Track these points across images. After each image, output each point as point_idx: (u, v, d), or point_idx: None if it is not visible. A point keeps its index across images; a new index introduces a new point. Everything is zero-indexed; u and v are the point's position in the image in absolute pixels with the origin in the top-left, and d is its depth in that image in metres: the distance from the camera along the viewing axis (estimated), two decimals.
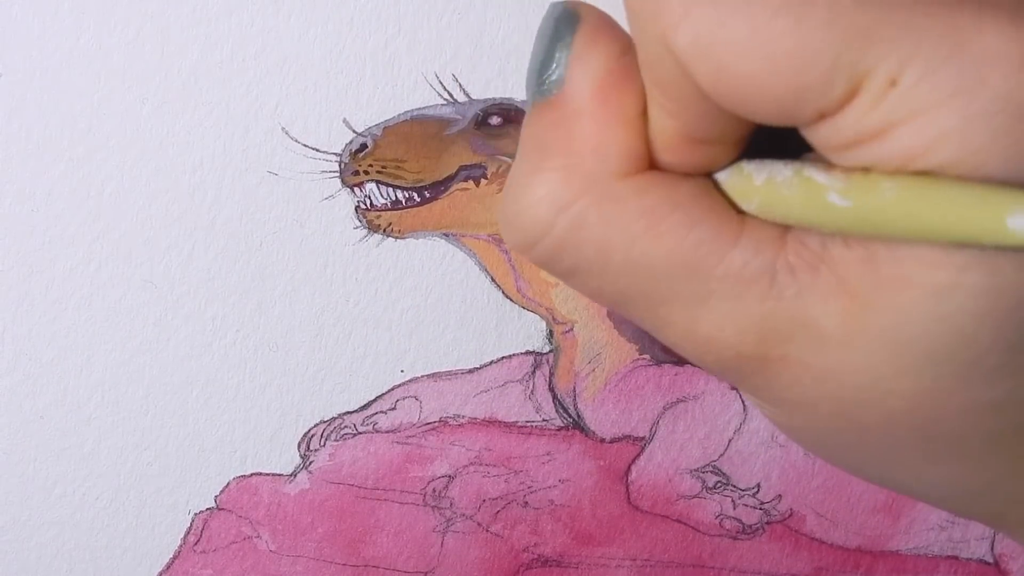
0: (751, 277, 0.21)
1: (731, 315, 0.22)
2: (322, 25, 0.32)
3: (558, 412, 0.37)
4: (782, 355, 0.22)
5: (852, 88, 0.19)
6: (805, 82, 0.19)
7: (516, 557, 0.38)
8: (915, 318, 0.20)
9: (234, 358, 0.35)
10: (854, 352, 0.21)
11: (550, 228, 0.22)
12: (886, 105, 0.19)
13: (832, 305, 0.21)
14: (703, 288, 0.22)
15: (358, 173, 0.33)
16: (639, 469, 0.38)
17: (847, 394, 0.22)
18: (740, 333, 0.22)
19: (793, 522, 0.39)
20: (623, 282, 0.22)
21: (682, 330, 0.23)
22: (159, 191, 0.33)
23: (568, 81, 0.23)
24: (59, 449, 0.35)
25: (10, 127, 0.32)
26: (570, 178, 0.22)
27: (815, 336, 0.21)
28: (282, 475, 0.36)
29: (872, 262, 0.20)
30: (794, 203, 0.21)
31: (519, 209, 0.23)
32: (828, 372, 0.22)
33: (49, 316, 0.34)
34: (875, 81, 0.19)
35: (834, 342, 0.21)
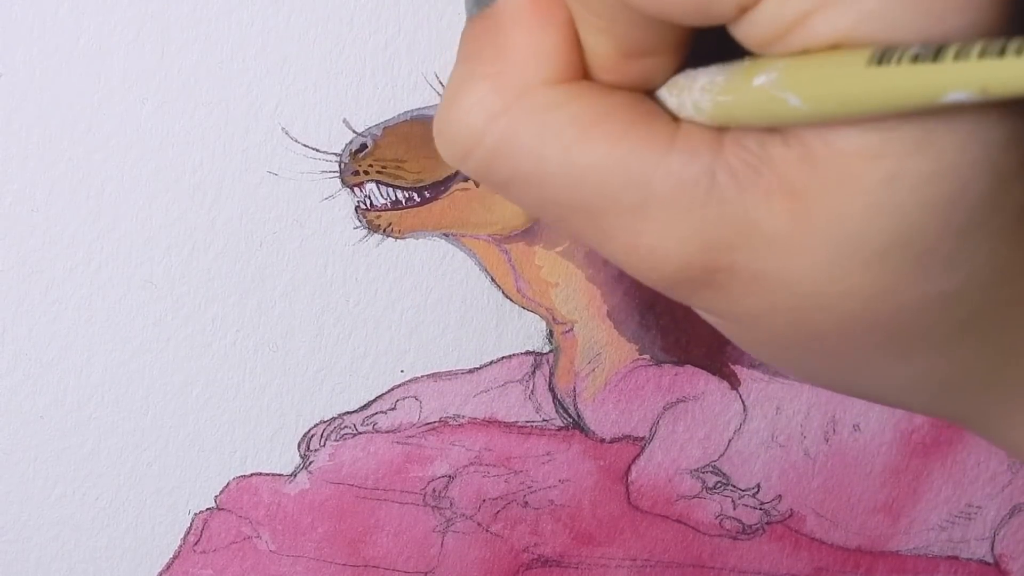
0: (689, 181, 0.21)
1: (672, 223, 0.21)
2: (322, 25, 0.32)
3: (558, 412, 0.37)
4: (729, 263, 0.21)
5: None
6: None
7: (516, 557, 0.38)
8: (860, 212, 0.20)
9: (234, 358, 0.35)
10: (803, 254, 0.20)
11: (482, 137, 0.22)
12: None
13: (776, 206, 0.20)
14: (641, 196, 0.21)
15: (358, 173, 0.33)
16: (639, 469, 0.38)
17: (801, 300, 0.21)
18: (683, 242, 0.21)
19: (793, 522, 0.39)
20: (560, 192, 0.22)
21: (625, 243, 0.22)
22: (159, 191, 0.33)
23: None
24: (59, 449, 0.35)
25: (10, 127, 0.32)
26: (501, 85, 0.22)
27: (761, 240, 0.21)
28: (282, 475, 0.36)
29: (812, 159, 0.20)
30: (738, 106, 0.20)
31: (451, 119, 0.22)
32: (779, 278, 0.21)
33: (49, 316, 0.34)
34: None
35: (781, 245, 0.21)
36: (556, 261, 0.35)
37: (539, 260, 0.35)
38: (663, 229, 0.21)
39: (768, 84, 0.20)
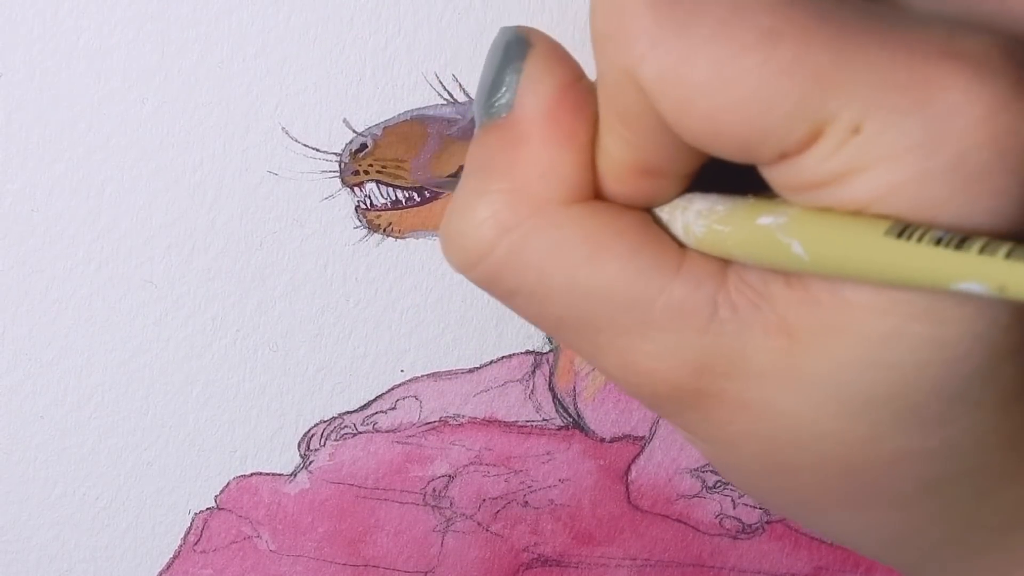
0: (691, 310, 0.21)
1: (669, 347, 0.22)
2: (322, 25, 0.32)
3: (558, 412, 0.37)
4: (719, 391, 0.22)
5: (814, 132, 0.19)
6: (768, 123, 0.19)
7: (516, 557, 0.38)
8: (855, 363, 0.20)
9: (234, 358, 0.35)
10: (791, 392, 0.21)
11: (492, 249, 0.22)
12: (847, 151, 0.19)
13: (772, 343, 0.21)
14: (643, 319, 0.22)
15: (358, 173, 0.33)
16: (639, 469, 0.38)
17: (780, 434, 0.22)
18: (678, 366, 0.22)
19: (793, 521, 0.39)
20: (563, 308, 0.22)
21: (620, 360, 0.22)
22: (159, 191, 0.33)
23: (519, 104, 0.22)
24: (59, 449, 0.35)
25: (10, 127, 0.32)
26: (515, 201, 0.22)
27: (753, 373, 0.21)
28: (282, 475, 0.36)
29: (813, 304, 0.20)
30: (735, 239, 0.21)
31: (461, 229, 0.23)
32: (763, 411, 0.22)
33: (49, 316, 0.34)
34: (838, 127, 0.19)
35: (771, 381, 0.21)
36: None
37: None
38: (659, 352, 0.22)
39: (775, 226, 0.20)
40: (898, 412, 0.21)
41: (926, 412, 0.21)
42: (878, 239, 0.18)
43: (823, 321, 0.20)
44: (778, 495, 0.24)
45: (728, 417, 0.22)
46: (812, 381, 0.21)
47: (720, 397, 0.22)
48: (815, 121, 0.19)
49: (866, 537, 0.24)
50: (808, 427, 0.21)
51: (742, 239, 0.21)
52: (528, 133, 0.22)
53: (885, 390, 0.20)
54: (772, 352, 0.21)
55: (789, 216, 0.20)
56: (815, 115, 0.19)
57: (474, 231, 0.22)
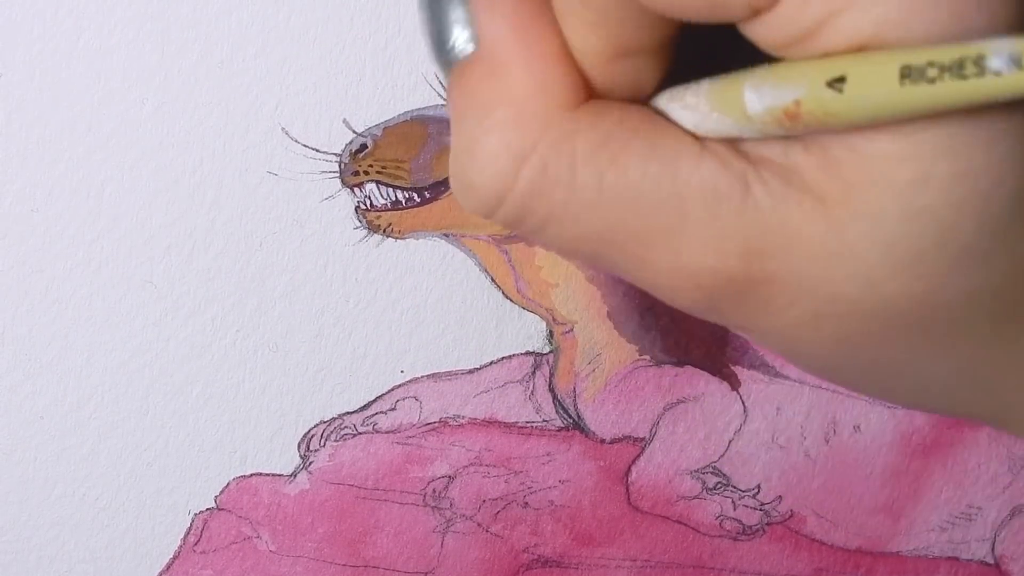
0: (724, 191, 0.21)
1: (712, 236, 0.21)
2: (322, 25, 0.32)
3: (558, 413, 0.37)
4: (771, 273, 0.21)
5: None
6: None
7: (516, 557, 0.38)
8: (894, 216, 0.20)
9: (234, 358, 0.35)
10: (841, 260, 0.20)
11: (514, 180, 0.21)
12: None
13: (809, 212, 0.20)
14: (678, 212, 0.21)
15: (358, 173, 0.33)
16: (639, 470, 0.38)
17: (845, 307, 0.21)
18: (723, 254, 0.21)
19: (793, 523, 0.39)
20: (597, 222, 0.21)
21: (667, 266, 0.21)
22: (159, 191, 0.33)
23: (483, 34, 0.22)
24: (59, 449, 0.35)
25: (10, 127, 0.32)
26: (521, 123, 0.21)
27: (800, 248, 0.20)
28: (282, 475, 0.36)
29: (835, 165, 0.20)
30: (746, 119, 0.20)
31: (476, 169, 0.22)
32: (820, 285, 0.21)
33: (49, 316, 0.34)
34: None
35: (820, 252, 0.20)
36: (556, 261, 0.35)
37: (539, 260, 0.35)
38: (702, 244, 0.21)
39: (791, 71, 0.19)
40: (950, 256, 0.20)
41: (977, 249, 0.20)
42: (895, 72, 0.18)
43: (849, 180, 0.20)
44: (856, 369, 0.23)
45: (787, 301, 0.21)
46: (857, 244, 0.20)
47: (774, 280, 0.21)
48: None
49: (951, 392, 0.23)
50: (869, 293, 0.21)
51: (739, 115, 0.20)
52: (506, 57, 0.21)
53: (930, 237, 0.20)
54: (812, 222, 0.20)
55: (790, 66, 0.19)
56: None
57: (491, 167, 0.21)
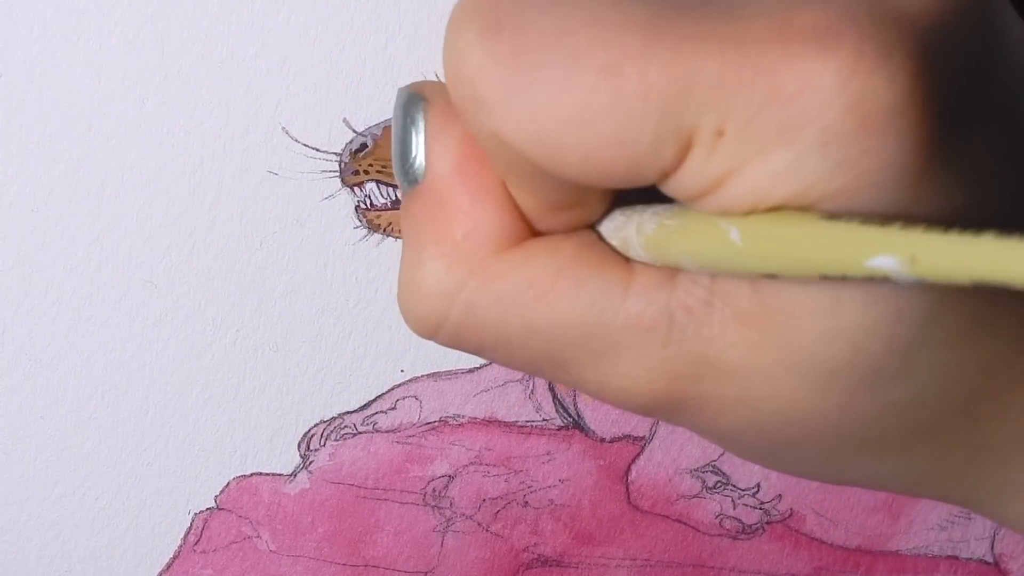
0: (649, 324, 0.22)
1: (638, 364, 0.22)
2: (322, 25, 0.32)
3: (558, 412, 0.37)
4: (697, 393, 0.22)
5: (684, 146, 0.19)
6: (637, 151, 0.19)
7: (516, 557, 0.38)
8: (808, 340, 0.20)
9: (234, 358, 0.35)
10: (762, 379, 0.21)
11: (445, 318, 0.23)
12: (720, 155, 0.19)
13: (732, 337, 0.21)
14: (605, 343, 0.22)
15: (358, 173, 0.33)
16: (639, 469, 0.38)
17: (770, 417, 0.22)
18: (651, 381, 0.22)
19: (793, 522, 0.39)
20: (527, 352, 0.23)
21: (596, 385, 0.23)
22: (159, 191, 0.33)
23: (428, 166, 0.23)
24: (59, 449, 0.35)
25: (10, 127, 0.32)
26: (450, 265, 0.22)
27: (722, 370, 0.22)
28: (282, 475, 0.36)
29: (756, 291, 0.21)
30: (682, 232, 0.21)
31: (411, 303, 0.23)
32: (743, 402, 0.22)
33: (49, 316, 0.34)
34: (703, 135, 0.19)
35: (742, 373, 0.21)
36: None
37: None
38: (629, 371, 0.22)
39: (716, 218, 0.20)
40: (862, 376, 0.21)
41: (889, 368, 0.21)
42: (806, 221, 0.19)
43: (770, 306, 0.21)
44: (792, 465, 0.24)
45: (714, 413, 0.22)
46: (776, 365, 0.21)
47: (700, 398, 0.22)
48: (681, 135, 0.19)
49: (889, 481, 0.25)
50: (790, 406, 0.22)
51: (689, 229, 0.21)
52: (445, 193, 0.23)
53: (842, 359, 0.21)
54: (734, 346, 0.21)
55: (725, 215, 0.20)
56: (678, 130, 0.19)
57: (422, 303, 0.23)
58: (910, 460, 0.23)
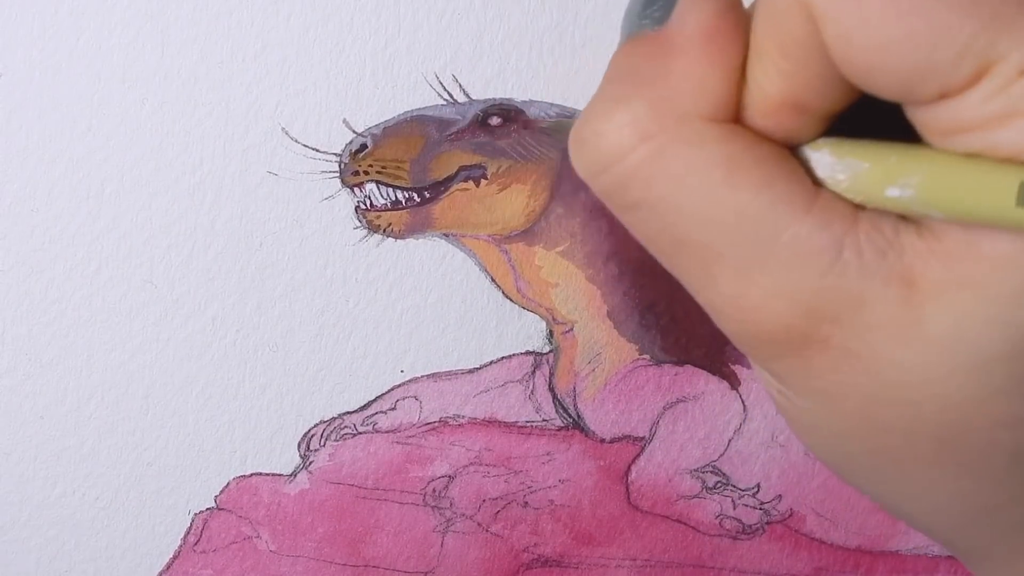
0: (816, 249, 0.21)
1: (787, 285, 0.21)
2: (322, 25, 0.32)
3: (558, 412, 0.37)
4: (827, 337, 0.21)
5: (979, 71, 0.19)
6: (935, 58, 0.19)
7: (516, 557, 0.38)
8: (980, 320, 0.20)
9: (234, 358, 0.35)
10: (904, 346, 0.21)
11: (627, 155, 0.22)
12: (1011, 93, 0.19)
13: (892, 292, 0.20)
14: (765, 251, 0.21)
15: (358, 173, 0.33)
16: (639, 469, 0.38)
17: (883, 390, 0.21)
18: (791, 305, 0.21)
19: (793, 522, 0.39)
20: (686, 229, 0.22)
21: (732, 292, 0.22)
22: (159, 191, 0.33)
23: (678, 18, 0.22)
24: (59, 449, 0.35)
25: (10, 127, 0.32)
26: (660, 110, 0.21)
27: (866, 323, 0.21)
28: (282, 475, 0.36)
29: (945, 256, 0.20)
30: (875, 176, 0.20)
31: (598, 130, 0.22)
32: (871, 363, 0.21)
33: (49, 316, 0.34)
34: (1005, 68, 0.19)
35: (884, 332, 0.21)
36: (556, 261, 0.35)
37: (539, 260, 0.35)
38: (775, 288, 0.21)
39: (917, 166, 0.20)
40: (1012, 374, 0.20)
41: None
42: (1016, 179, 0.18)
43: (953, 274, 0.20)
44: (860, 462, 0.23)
45: (831, 366, 0.21)
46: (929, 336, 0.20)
47: (827, 344, 0.21)
48: (983, 60, 0.19)
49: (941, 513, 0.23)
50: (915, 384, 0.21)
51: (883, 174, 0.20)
52: (683, 47, 0.22)
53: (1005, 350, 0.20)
54: (890, 302, 0.20)
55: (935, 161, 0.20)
56: (984, 53, 0.19)
57: (613, 133, 0.22)
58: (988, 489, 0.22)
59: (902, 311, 0.20)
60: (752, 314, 0.22)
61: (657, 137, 0.21)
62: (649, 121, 0.21)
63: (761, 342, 0.22)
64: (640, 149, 0.22)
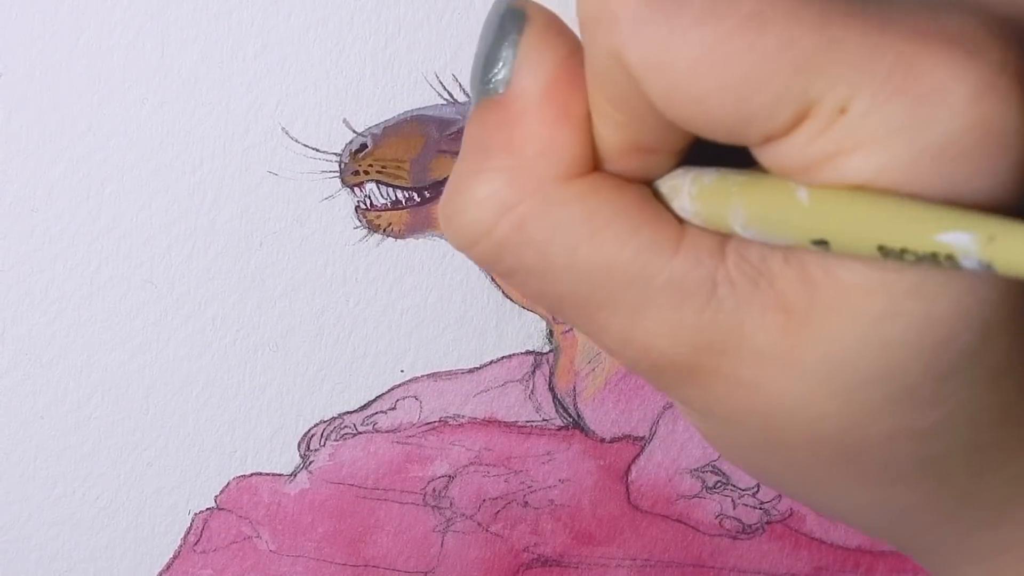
0: (691, 288, 0.21)
1: (668, 324, 0.22)
2: (322, 25, 0.32)
3: (558, 412, 0.37)
4: (715, 367, 0.22)
5: (800, 114, 0.19)
6: (753, 107, 0.19)
7: (516, 557, 0.38)
8: (849, 344, 0.20)
9: (234, 358, 0.35)
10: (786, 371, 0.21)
11: (492, 229, 0.22)
12: (834, 133, 0.19)
13: (769, 320, 0.21)
14: (642, 296, 0.22)
15: (358, 173, 0.33)
16: (639, 469, 0.38)
17: (776, 412, 0.22)
18: (675, 343, 0.22)
19: (793, 521, 0.39)
20: (562, 286, 0.22)
21: (618, 336, 0.22)
22: (159, 191, 0.33)
23: (516, 81, 0.22)
24: (59, 449, 0.35)
25: (10, 127, 0.32)
26: (514, 179, 0.22)
27: (749, 351, 0.21)
28: (282, 475, 0.36)
29: (810, 282, 0.20)
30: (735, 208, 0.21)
31: (461, 207, 0.22)
32: (759, 389, 0.21)
33: (49, 316, 0.34)
34: (824, 109, 0.19)
35: (768, 359, 0.21)
36: None
37: None
38: (658, 328, 0.22)
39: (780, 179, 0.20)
40: (891, 392, 0.21)
41: (919, 392, 0.21)
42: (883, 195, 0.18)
43: (818, 301, 0.20)
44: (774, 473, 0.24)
45: (725, 393, 0.22)
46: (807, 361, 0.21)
47: (717, 374, 0.22)
48: (801, 104, 0.19)
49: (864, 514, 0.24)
50: (803, 407, 0.21)
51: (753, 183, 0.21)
52: (526, 110, 0.22)
53: (879, 371, 0.20)
54: (769, 330, 0.21)
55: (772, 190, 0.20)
56: (800, 98, 0.19)
57: (474, 210, 0.22)
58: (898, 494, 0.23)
59: (781, 338, 0.21)
60: (642, 354, 0.22)
61: (517, 208, 0.22)
62: (507, 192, 0.22)
63: (657, 376, 0.23)
64: (502, 222, 0.22)
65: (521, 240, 0.22)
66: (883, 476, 0.23)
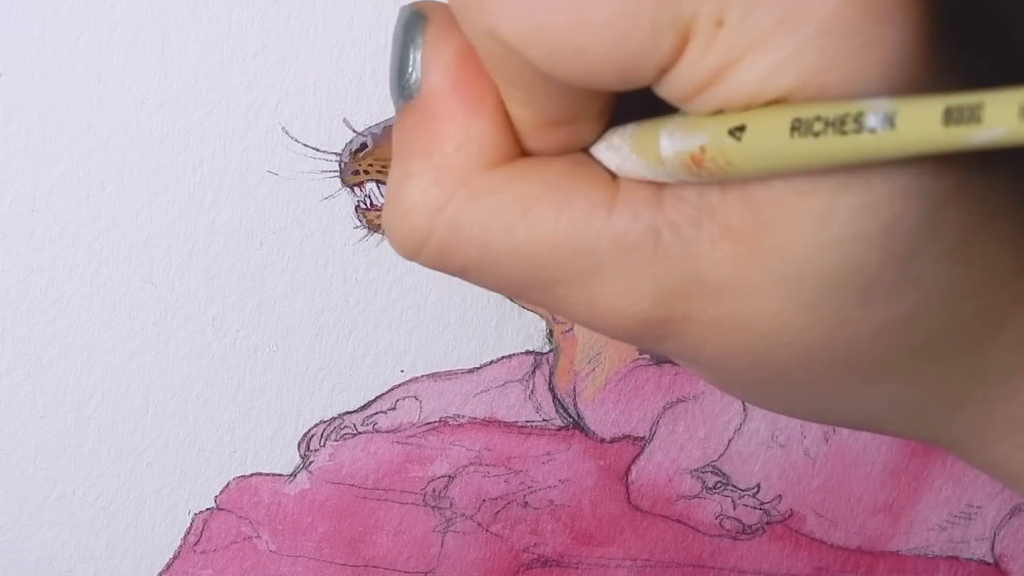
0: (634, 242, 0.21)
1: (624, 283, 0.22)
2: (322, 25, 0.32)
3: (558, 412, 0.37)
4: (684, 313, 0.22)
5: (682, 38, 0.19)
6: (635, 42, 0.19)
7: (516, 557, 0.38)
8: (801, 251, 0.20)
9: (234, 358, 0.35)
10: (752, 296, 0.21)
11: (429, 233, 0.22)
12: (718, 46, 0.19)
13: (720, 254, 0.21)
14: (591, 262, 0.22)
15: (358, 173, 0.33)
16: (639, 469, 0.38)
17: (757, 341, 0.22)
18: (637, 300, 0.22)
19: (793, 522, 0.39)
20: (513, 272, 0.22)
21: (583, 307, 0.22)
22: (159, 191, 0.33)
23: (424, 80, 0.22)
24: (59, 449, 0.35)
25: (10, 127, 0.32)
26: (439, 178, 0.22)
27: (712, 288, 0.21)
28: (282, 475, 0.36)
29: (751, 203, 0.20)
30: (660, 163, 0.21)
31: (397, 217, 0.23)
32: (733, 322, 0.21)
33: (49, 316, 0.34)
34: (702, 25, 0.19)
35: (731, 290, 0.21)
36: None
37: None
38: (616, 290, 0.22)
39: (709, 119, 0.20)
40: (858, 287, 0.21)
41: (884, 281, 0.21)
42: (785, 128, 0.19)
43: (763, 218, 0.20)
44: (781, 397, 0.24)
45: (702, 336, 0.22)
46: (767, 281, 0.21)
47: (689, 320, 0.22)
48: (678, 27, 0.19)
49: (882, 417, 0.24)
50: (780, 327, 0.21)
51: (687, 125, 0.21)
52: (439, 108, 0.22)
53: (838, 269, 0.20)
54: (723, 262, 0.21)
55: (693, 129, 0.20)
56: (676, 20, 0.19)
57: (408, 217, 0.22)
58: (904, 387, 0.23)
59: (736, 267, 0.21)
60: (610, 319, 0.22)
61: (448, 207, 0.22)
62: (434, 193, 0.22)
63: (633, 337, 0.23)
64: (438, 224, 0.22)
65: (460, 237, 0.22)
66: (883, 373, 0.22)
